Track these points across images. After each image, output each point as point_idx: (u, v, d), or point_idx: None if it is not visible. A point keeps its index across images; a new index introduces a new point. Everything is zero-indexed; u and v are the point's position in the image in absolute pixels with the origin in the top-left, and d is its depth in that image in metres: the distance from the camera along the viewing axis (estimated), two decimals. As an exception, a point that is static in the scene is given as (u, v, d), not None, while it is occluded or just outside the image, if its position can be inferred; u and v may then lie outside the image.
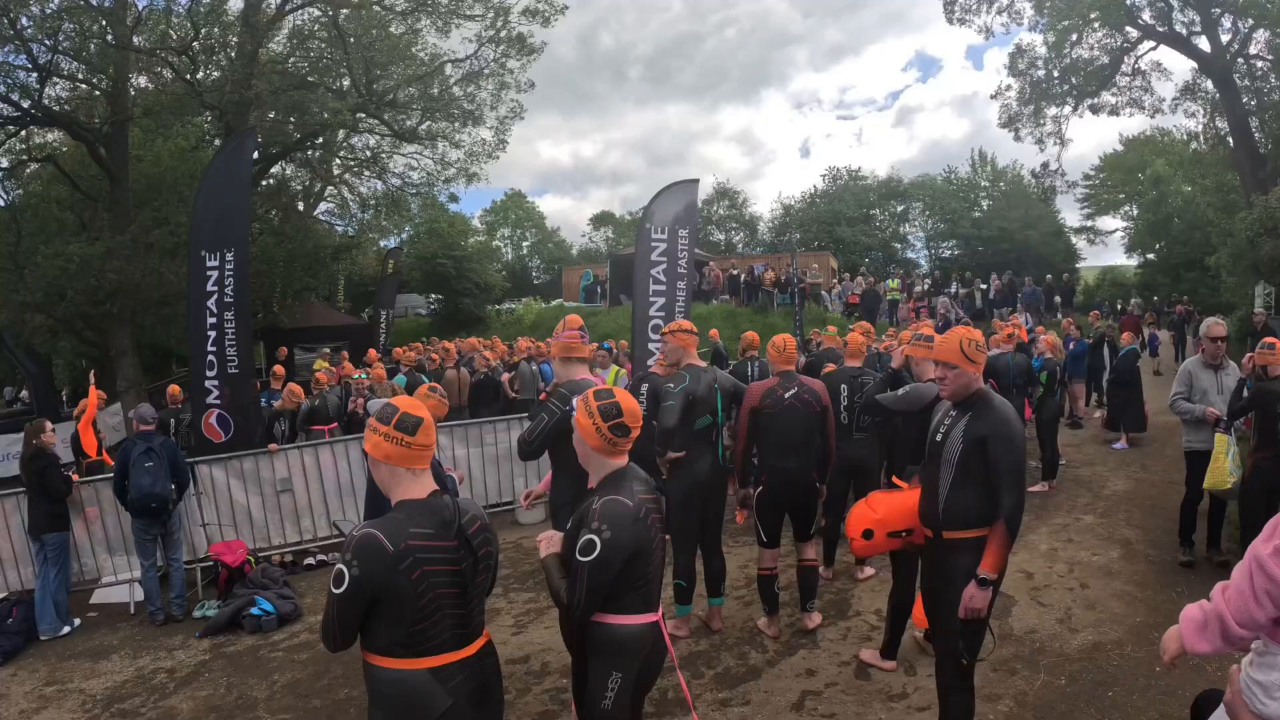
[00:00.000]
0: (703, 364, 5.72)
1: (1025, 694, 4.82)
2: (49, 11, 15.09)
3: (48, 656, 7.24)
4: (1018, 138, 27.35)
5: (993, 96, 29.06)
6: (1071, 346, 13.32)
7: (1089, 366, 14.03)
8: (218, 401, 9.60)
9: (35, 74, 15.80)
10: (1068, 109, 26.34)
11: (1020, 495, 3.65)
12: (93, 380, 10.79)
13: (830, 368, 7.62)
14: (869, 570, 6.95)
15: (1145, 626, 5.67)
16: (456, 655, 2.67)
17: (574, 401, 4.37)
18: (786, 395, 5.55)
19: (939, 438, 3.90)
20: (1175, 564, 6.87)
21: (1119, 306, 30.66)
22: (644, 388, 6.22)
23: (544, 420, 4.45)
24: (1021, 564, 6.87)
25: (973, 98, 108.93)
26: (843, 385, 6.63)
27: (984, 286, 26.93)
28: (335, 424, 10.37)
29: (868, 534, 4.24)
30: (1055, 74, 25.69)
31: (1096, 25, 24.05)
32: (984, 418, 3.72)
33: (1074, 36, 24.72)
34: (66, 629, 7.78)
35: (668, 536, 3.22)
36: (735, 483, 5.89)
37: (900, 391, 5.79)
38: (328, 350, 17.18)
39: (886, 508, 4.27)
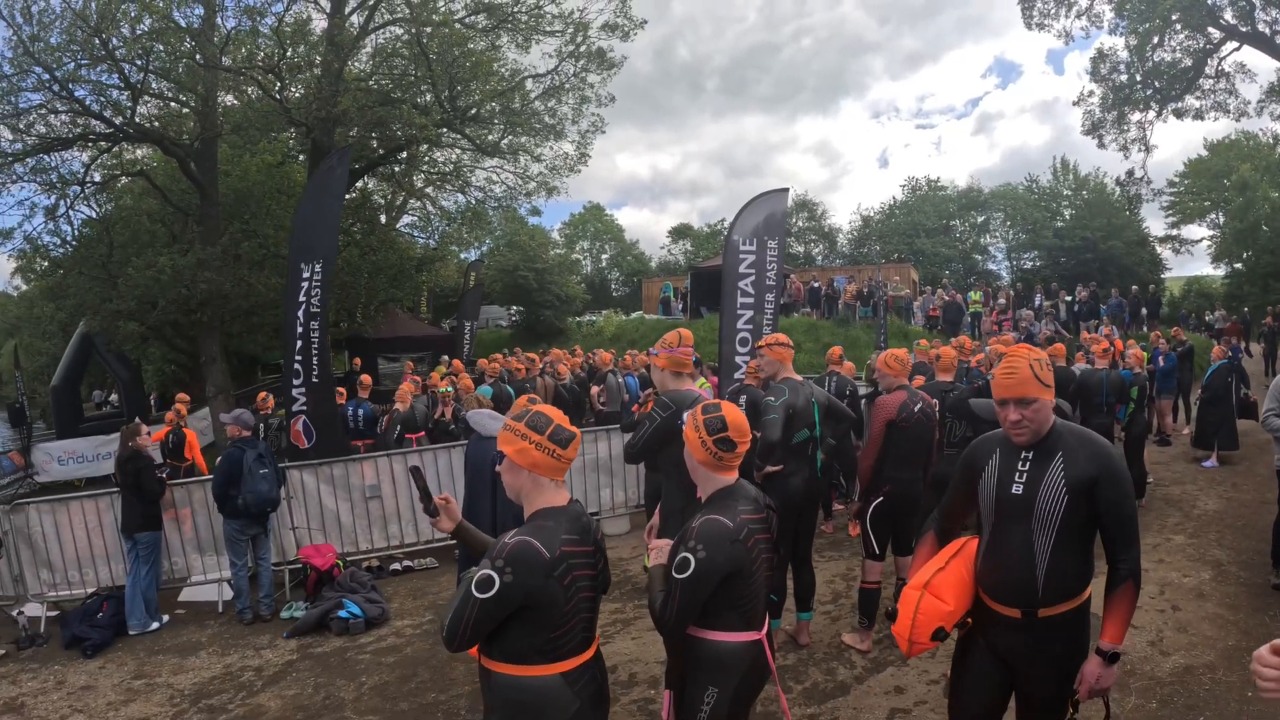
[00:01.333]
0: (799, 378, 5.70)
1: (1116, 717, 4.73)
2: (139, 33, 15.62)
3: (136, 651, 7.46)
4: (1101, 144, 26.83)
5: (1075, 103, 28.46)
6: (1160, 362, 12.91)
7: (1177, 381, 13.59)
8: (304, 408, 9.90)
9: (127, 92, 16.36)
10: (1151, 114, 25.71)
11: (1139, 543, 2.98)
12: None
13: (919, 380, 7.55)
14: None
15: (1237, 650, 5.54)
16: (583, 658, 2.70)
17: (676, 409, 4.43)
18: (916, 409, 5.60)
19: (1016, 490, 3.03)
20: (1268, 586, 6.67)
21: (1205, 319, 29.67)
22: (742, 399, 6.23)
23: (646, 426, 4.57)
24: (1112, 585, 6.73)
25: (1054, 103, 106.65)
26: (933, 400, 6.59)
27: (1069, 299, 25.77)
28: (422, 433, 10.59)
29: (939, 634, 3.13)
30: (1138, 78, 25.10)
31: (1178, 27, 23.43)
32: (1082, 454, 2.96)
33: (1155, 39, 24.13)
34: (155, 625, 8.03)
35: (769, 556, 3.20)
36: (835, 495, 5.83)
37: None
38: (445, 358, 17.58)
39: (955, 596, 3.17)
